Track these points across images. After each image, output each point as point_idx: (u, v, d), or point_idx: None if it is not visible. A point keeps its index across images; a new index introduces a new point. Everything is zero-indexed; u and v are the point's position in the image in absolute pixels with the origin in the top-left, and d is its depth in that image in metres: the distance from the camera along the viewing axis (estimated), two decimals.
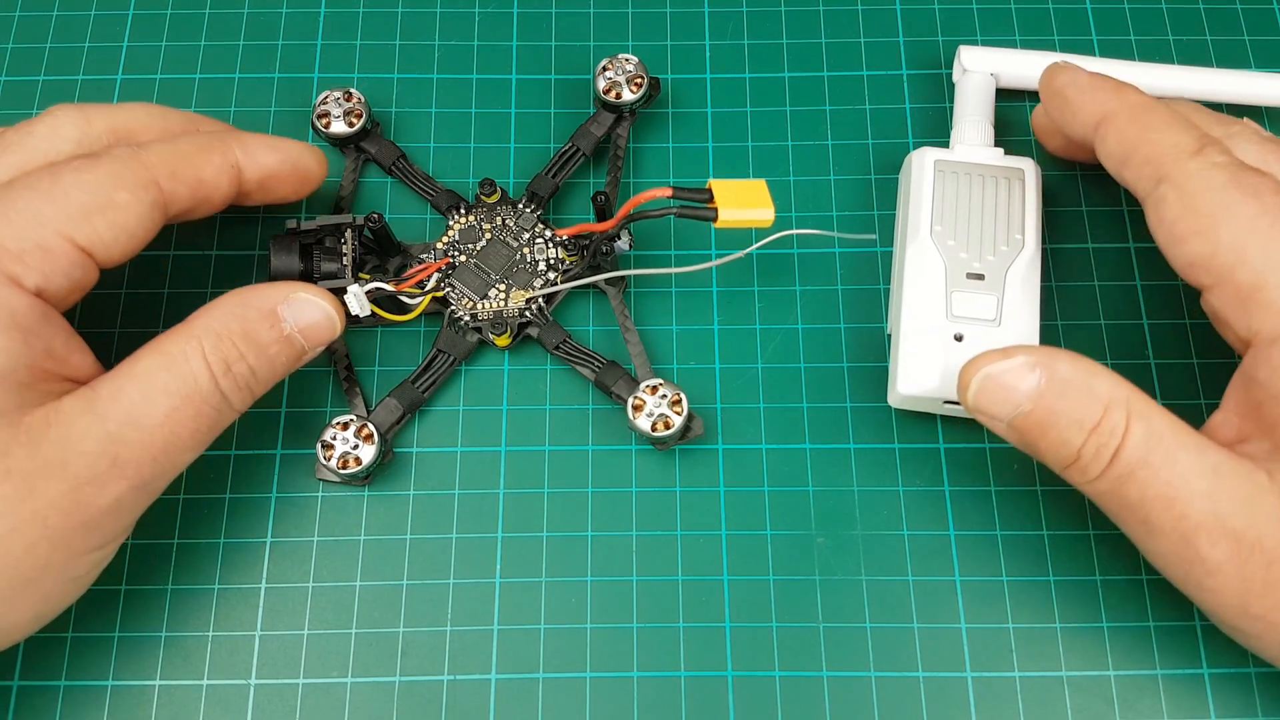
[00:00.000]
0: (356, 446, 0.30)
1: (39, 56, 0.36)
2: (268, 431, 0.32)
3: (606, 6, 0.37)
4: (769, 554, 0.30)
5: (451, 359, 0.32)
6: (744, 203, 0.30)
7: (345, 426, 0.30)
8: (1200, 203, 0.26)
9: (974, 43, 0.36)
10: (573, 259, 0.33)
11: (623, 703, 0.29)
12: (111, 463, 0.25)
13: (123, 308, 0.33)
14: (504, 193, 0.33)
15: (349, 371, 0.32)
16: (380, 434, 0.30)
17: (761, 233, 0.31)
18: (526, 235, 0.33)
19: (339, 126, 0.34)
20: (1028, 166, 0.32)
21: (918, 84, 0.36)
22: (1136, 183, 0.28)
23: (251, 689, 0.29)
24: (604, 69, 0.34)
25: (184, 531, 0.31)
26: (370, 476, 0.30)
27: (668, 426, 0.30)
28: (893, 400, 0.31)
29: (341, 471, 0.30)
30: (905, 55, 0.37)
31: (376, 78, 0.36)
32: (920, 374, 0.30)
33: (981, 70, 0.34)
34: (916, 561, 0.30)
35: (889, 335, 0.32)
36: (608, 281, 0.32)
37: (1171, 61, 0.36)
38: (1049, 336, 0.33)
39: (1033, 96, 0.35)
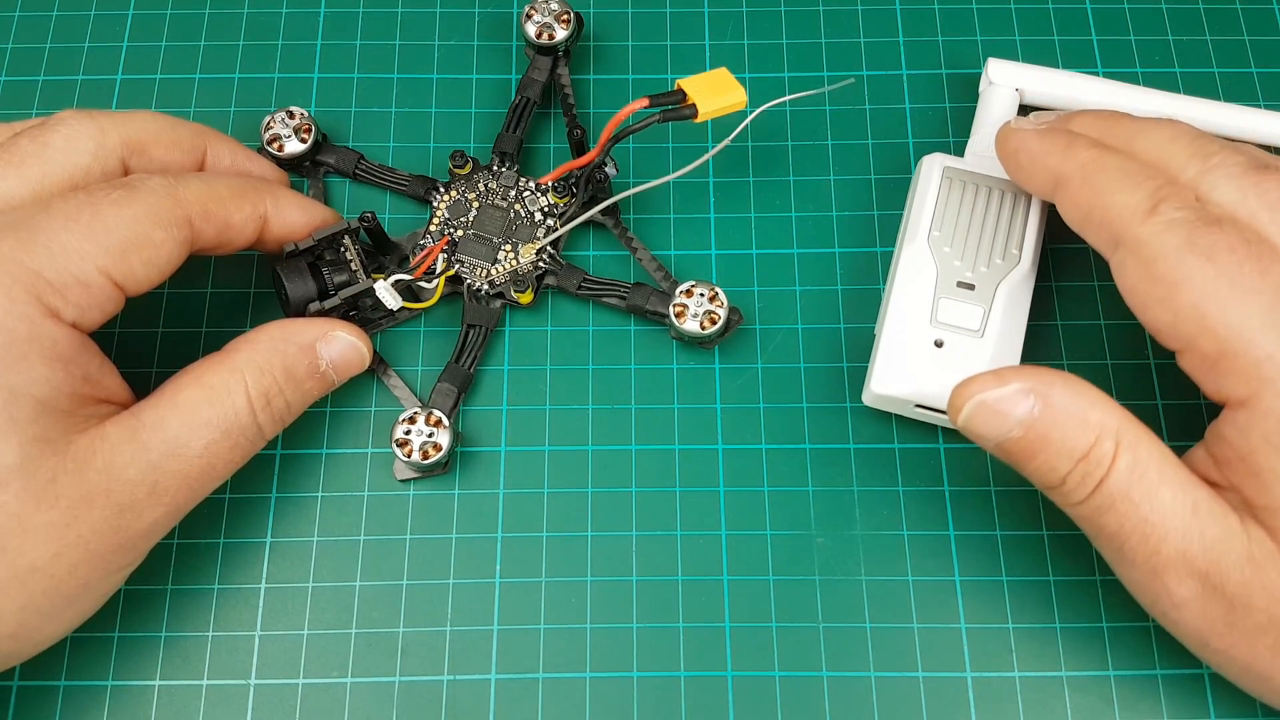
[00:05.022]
0: (432, 435, 0.30)
1: (39, 56, 0.36)
2: None
3: (605, 6, 0.37)
4: (769, 554, 0.30)
5: (484, 330, 0.32)
6: (716, 92, 0.31)
7: (413, 420, 0.30)
8: (1157, 269, 0.26)
9: (972, 43, 0.37)
10: (564, 200, 0.33)
11: (623, 703, 0.29)
12: (151, 490, 0.26)
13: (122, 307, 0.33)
14: (475, 161, 0.34)
15: (387, 370, 0.32)
16: (447, 417, 0.30)
17: (737, 123, 0.32)
18: (512, 193, 0.33)
19: (294, 145, 0.34)
20: None
21: (918, 84, 0.36)
22: (1097, 247, 0.28)
23: (251, 689, 0.29)
24: (529, 15, 0.35)
25: (184, 531, 0.30)
26: (449, 464, 0.31)
27: (714, 322, 0.31)
28: (866, 398, 0.31)
29: (424, 463, 0.30)
30: (905, 55, 0.37)
31: (375, 78, 0.36)
32: (894, 375, 0.30)
33: (1007, 85, 0.34)
34: (916, 561, 0.30)
35: (876, 334, 0.32)
36: (604, 213, 0.33)
37: (1172, 63, 0.36)
38: (1049, 337, 0.33)
39: None
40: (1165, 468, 0.25)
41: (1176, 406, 0.32)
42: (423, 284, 0.32)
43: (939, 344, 0.30)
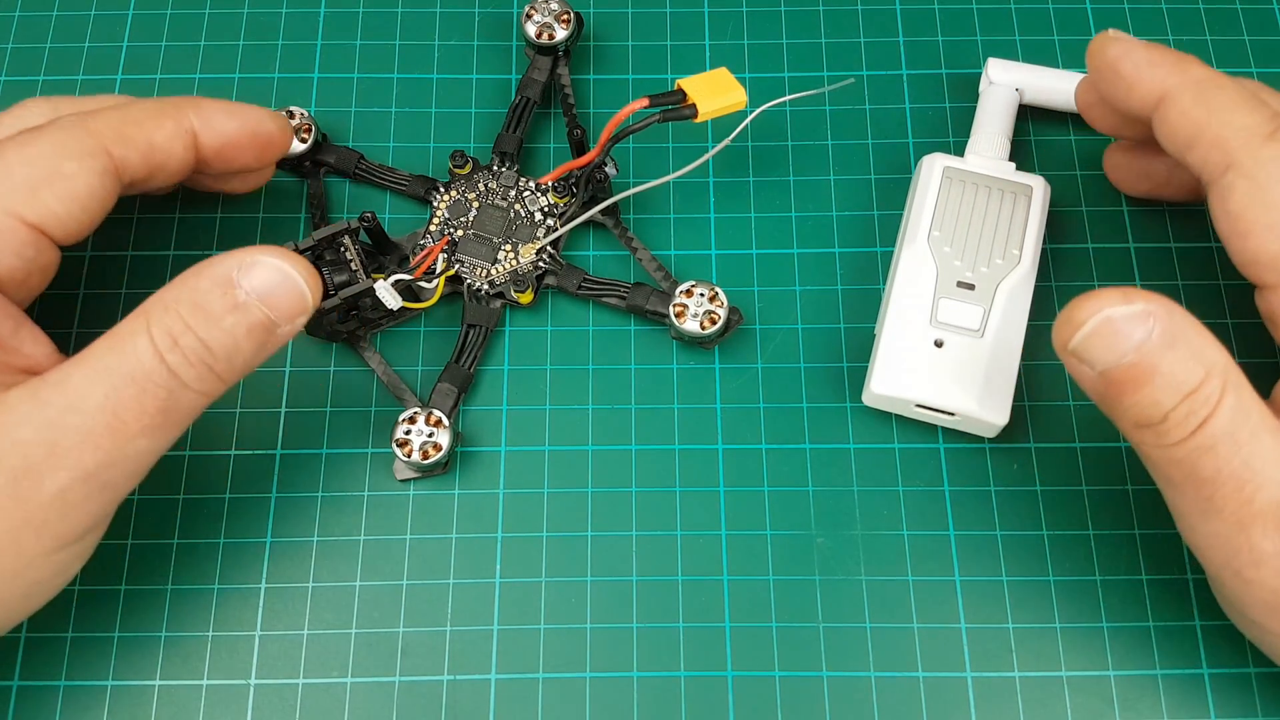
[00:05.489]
0: (432, 435, 0.30)
1: (39, 56, 0.36)
2: (268, 431, 0.32)
3: (605, 6, 0.37)
4: (769, 554, 0.30)
5: (484, 330, 0.32)
6: (716, 92, 0.31)
7: (413, 420, 0.30)
8: (1271, 195, 0.25)
9: (972, 43, 0.37)
10: (564, 200, 0.33)
11: (623, 703, 0.29)
12: (49, 451, 0.23)
13: (122, 308, 0.33)
14: (475, 161, 0.34)
15: (388, 369, 0.32)
16: (447, 417, 0.30)
17: (737, 123, 0.32)
18: (513, 193, 0.33)
19: (294, 145, 0.34)
20: (1037, 185, 0.32)
21: (918, 84, 0.36)
22: (1202, 167, 0.26)
23: (251, 689, 0.29)
24: (529, 15, 0.35)
25: (184, 531, 0.31)
26: (449, 464, 0.31)
27: (714, 322, 0.31)
28: (866, 398, 0.31)
29: (424, 463, 0.30)
30: (905, 55, 0.37)
31: (375, 78, 0.36)
32: (894, 375, 0.30)
33: (1007, 85, 0.34)
34: (916, 561, 0.30)
35: (876, 334, 0.32)
36: (604, 213, 0.33)
37: None
38: (1049, 337, 0.33)
39: (1057, 117, 0.35)
40: (1266, 416, 0.24)
41: None
42: (423, 284, 0.32)
43: (939, 344, 0.30)
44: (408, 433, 0.30)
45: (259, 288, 0.25)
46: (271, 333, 0.26)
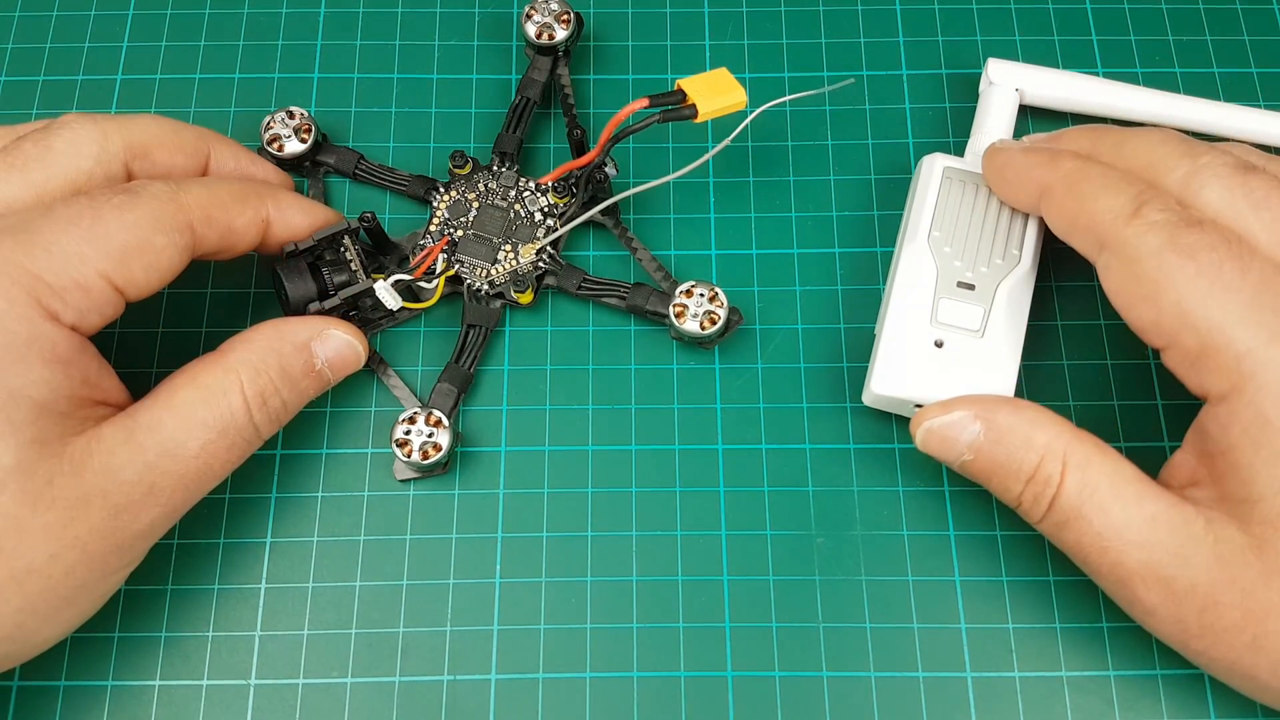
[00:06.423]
0: (432, 435, 0.30)
1: (39, 56, 0.36)
2: None
3: (605, 6, 0.37)
4: (769, 554, 0.30)
5: (484, 330, 0.32)
6: (716, 92, 0.31)
7: (413, 420, 0.30)
8: (1140, 269, 0.26)
9: (972, 43, 0.37)
10: (564, 200, 0.33)
11: (623, 703, 0.29)
12: (148, 491, 0.26)
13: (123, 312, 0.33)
14: (475, 161, 0.34)
15: (387, 370, 0.32)
16: (447, 417, 0.30)
17: (737, 123, 0.32)
18: (513, 193, 0.33)
19: (294, 145, 0.34)
20: None
21: (918, 84, 0.36)
22: (1083, 252, 0.28)
23: (251, 689, 0.29)
24: (529, 15, 0.35)
25: (184, 531, 0.30)
26: (449, 464, 0.31)
27: (714, 322, 0.31)
28: (866, 399, 0.31)
29: (424, 463, 0.30)
30: (905, 55, 0.37)
31: (375, 78, 0.36)
32: (894, 376, 0.30)
33: (1007, 85, 0.34)
34: (916, 561, 0.30)
35: (876, 334, 0.32)
36: (604, 213, 0.33)
37: (1172, 63, 0.36)
38: (1049, 337, 0.33)
39: (1057, 117, 0.35)
40: (1118, 483, 0.26)
41: (1176, 406, 0.32)
42: (423, 284, 0.32)
43: (939, 344, 0.30)
44: (408, 433, 0.30)
45: (330, 356, 0.29)
46: (325, 389, 0.30)
